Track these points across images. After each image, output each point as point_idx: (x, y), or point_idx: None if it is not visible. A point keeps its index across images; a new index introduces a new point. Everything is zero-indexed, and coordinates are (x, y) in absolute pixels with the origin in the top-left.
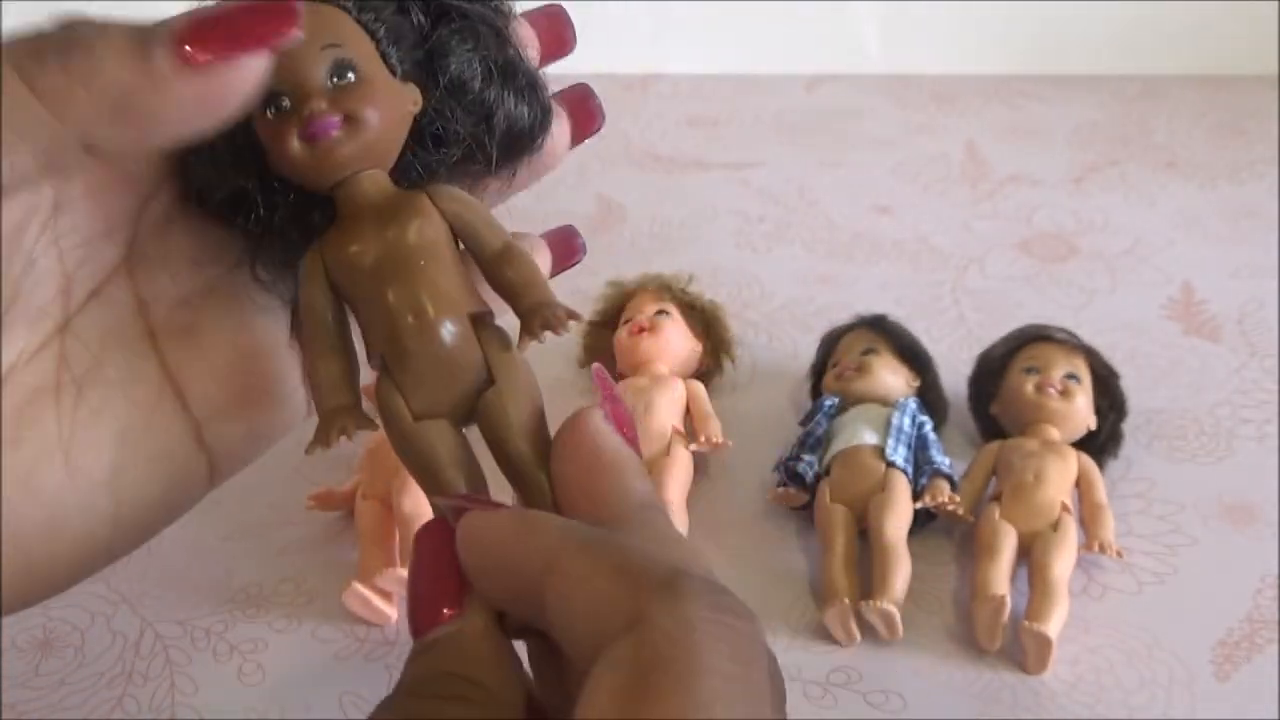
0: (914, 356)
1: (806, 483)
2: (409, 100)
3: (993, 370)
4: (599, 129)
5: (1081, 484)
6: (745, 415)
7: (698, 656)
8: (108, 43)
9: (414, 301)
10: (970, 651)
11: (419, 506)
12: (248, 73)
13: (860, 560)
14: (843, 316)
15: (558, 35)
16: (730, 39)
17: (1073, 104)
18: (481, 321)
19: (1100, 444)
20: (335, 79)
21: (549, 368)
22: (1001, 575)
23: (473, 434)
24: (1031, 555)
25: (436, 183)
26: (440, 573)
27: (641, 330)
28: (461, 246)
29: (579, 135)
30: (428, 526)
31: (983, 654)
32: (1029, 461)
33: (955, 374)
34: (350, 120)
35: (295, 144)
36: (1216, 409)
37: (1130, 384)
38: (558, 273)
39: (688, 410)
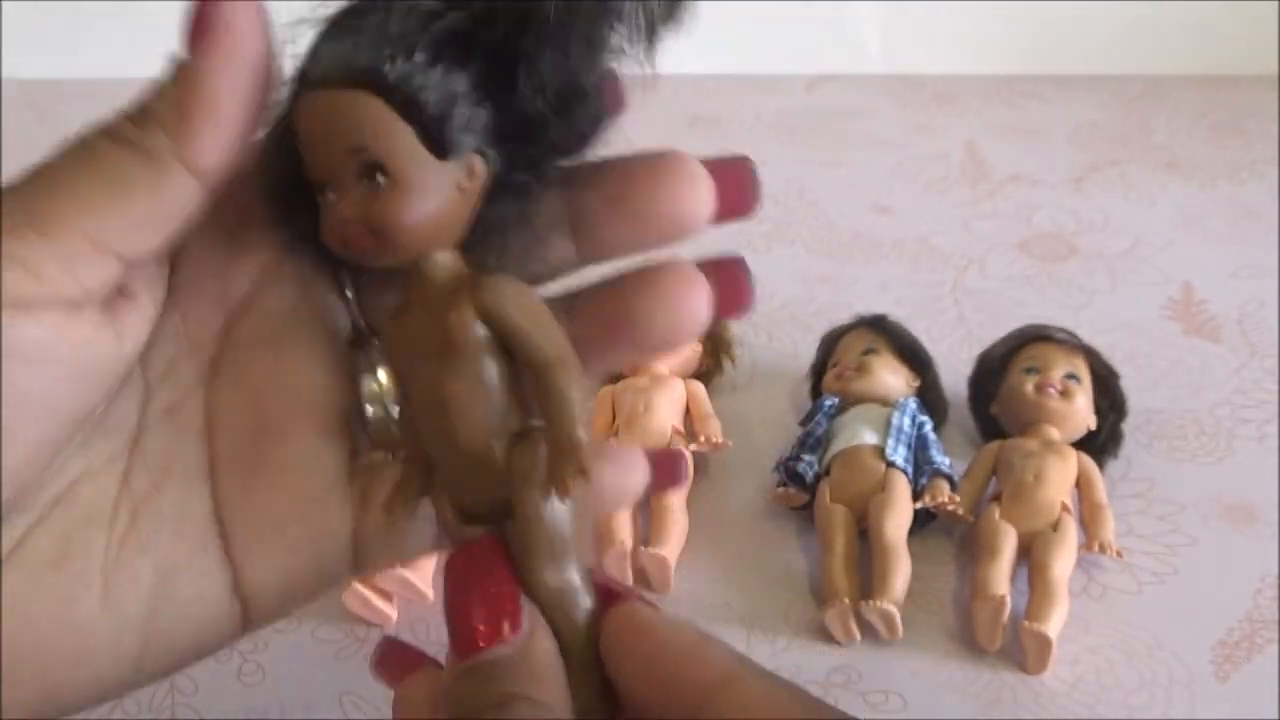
0: (914, 356)
1: (806, 483)
2: (461, 179)
3: (993, 370)
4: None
5: (1081, 484)
6: (745, 415)
7: None
8: (156, 86)
9: (439, 406)
10: (970, 651)
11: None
12: (246, 32)
13: (860, 560)
14: (843, 316)
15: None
16: (730, 39)
17: (1073, 104)
18: (520, 441)
19: (1100, 444)
20: (365, 181)
21: None
22: (1001, 575)
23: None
24: (1031, 555)
25: (497, 272)
26: (499, 590)
27: None
28: None
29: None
30: (476, 545)
31: (983, 654)
32: (1029, 461)
33: (955, 374)
34: (378, 233)
35: (335, 240)
36: (1216, 409)
37: (1130, 384)
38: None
39: (687, 410)
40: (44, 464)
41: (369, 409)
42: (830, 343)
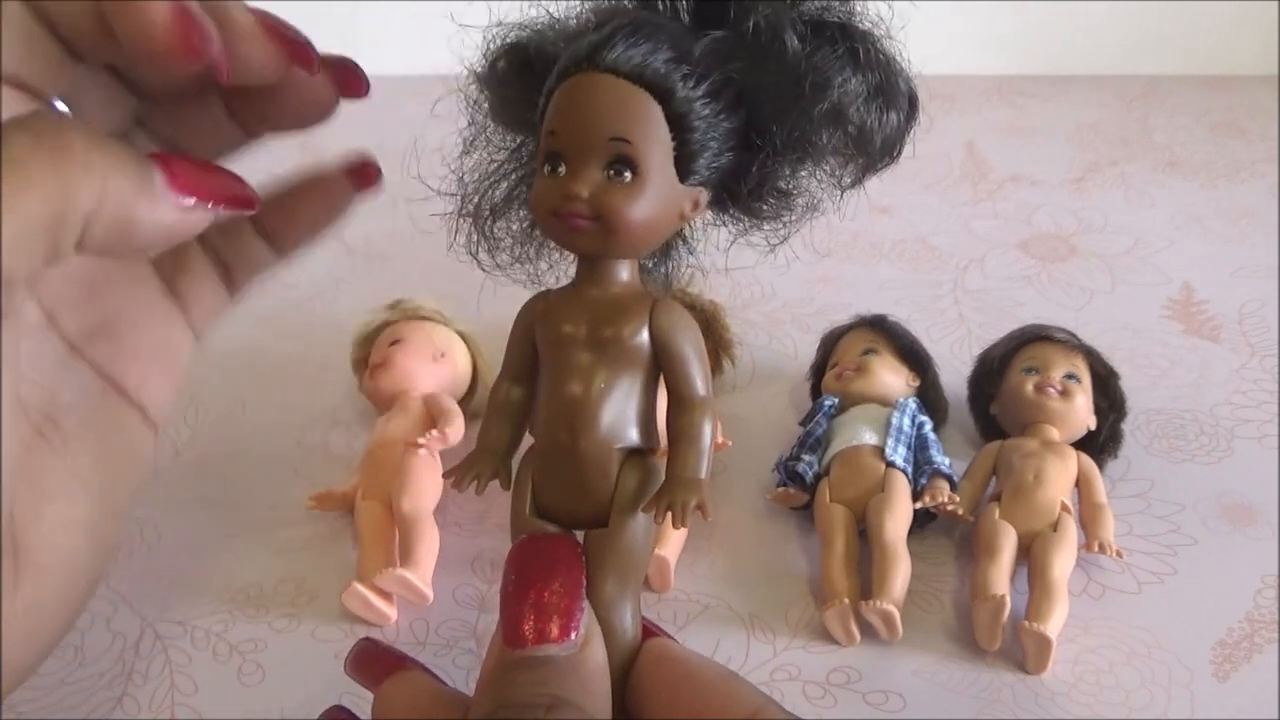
0: (914, 356)
1: (806, 483)
2: (686, 204)
3: (993, 370)
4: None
5: (1081, 484)
6: (745, 415)
7: None
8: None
9: (576, 402)
10: (970, 651)
11: (419, 506)
12: (208, 216)
13: (860, 560)
14: (843, 316)
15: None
16: None
17: (1073, 104)
18: (631, 459)
19: (1100, 444)
20: (611, 173)
21: None
22: (1001, 575)
23: None
24: (1031, 555)
25: (668, 295)
26: (563, 591)
27: None
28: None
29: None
30: (541, 541)
31: (983, 654)
32: (1029, 461)
33: (955, 374)
34: (602, 220)
35: (546, 211)
36: (1216, 409)
37: (1130, 384)
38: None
39: None
40: None
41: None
42: (830, 343)
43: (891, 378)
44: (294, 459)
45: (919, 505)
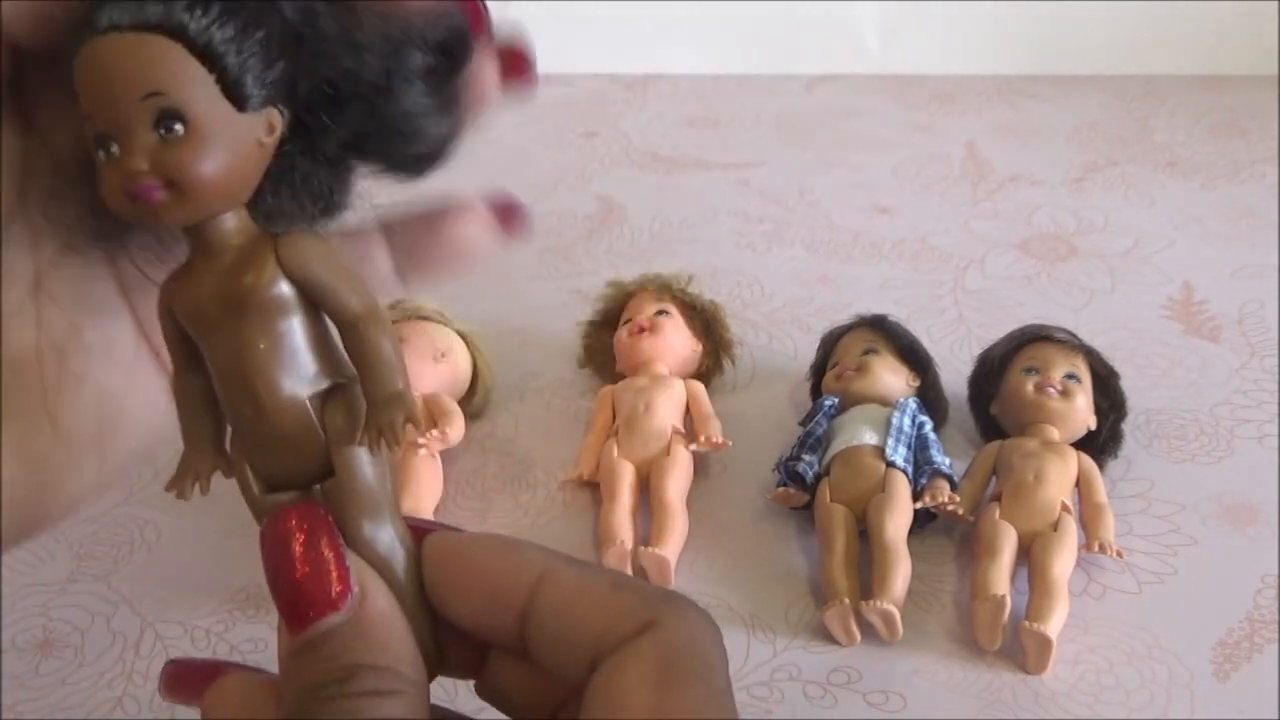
0: (914, 356)
1: (806, 483)
2: (259, 131)
3: (993, 370)
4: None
5: (1081, 484)
6: (745, 415)
7: (708, 653)
8: None
9: (243, 371)
10: (970, 651)
11: (419, 506)
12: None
13: (860, 560)
14: (843, 316)
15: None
16: (730, 39)
17: (1073, 104)
18: (330, 399)
19: (1100, 444)
20: (162, 131)
21: (550, 367)
22: (1001, 575)
23: None
24: (1031, 555)
25: (293, 226)
26: (320, 554)
27: (642, 330)
28: None
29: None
30: (284, 513)
31: (983, 654)
32: (1029, 461)
33: (955, 374)
34: (174, 185)
35: (121, 198)
36: (1216, 409)
37: (1130, 384)
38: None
39: (688, 410)
40: None
41: None
42: (830, 343)
43: (891, 378)
44: None
45: (919, 505)
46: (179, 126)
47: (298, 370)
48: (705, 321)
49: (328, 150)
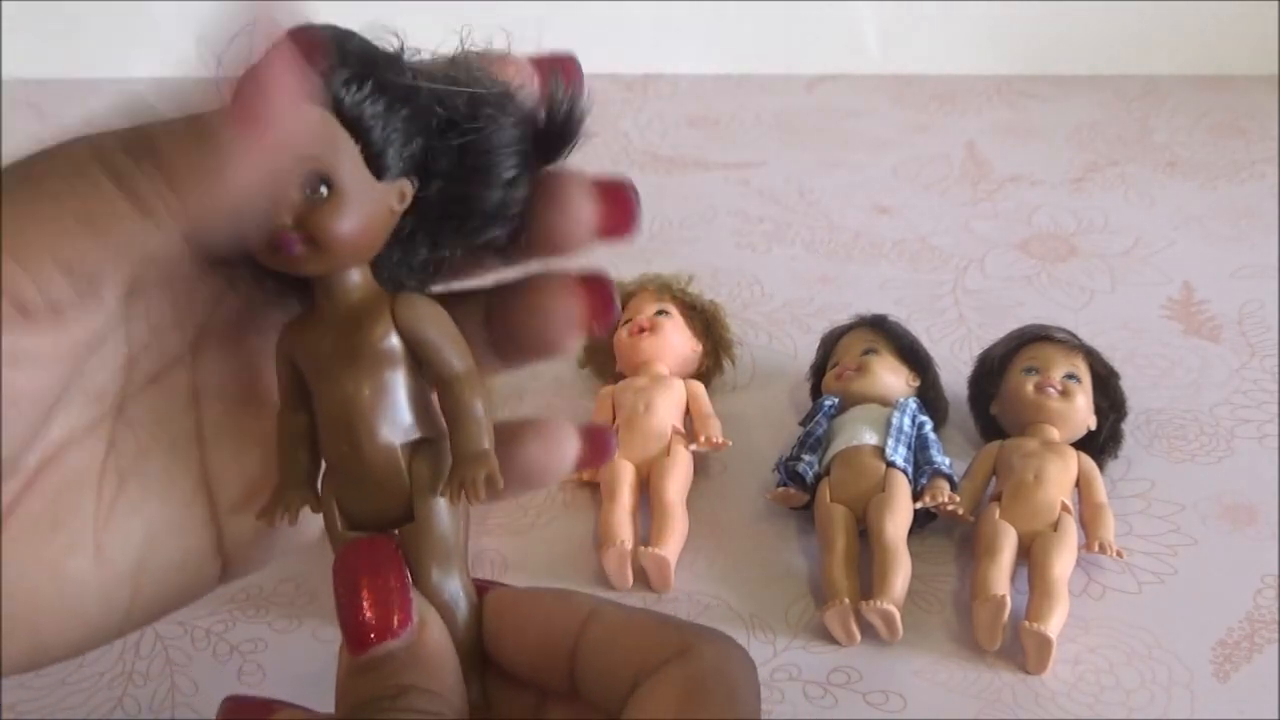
0: (914, 356)
1: (806, 483)
2: (393, 199)
3: (993, 370)
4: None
5: (1082, 484)
6: (745, 415)
7: (736, 679)
8: (174, 140)
9: (347, 414)
10: (970, 651)
11: None
12: (292, 125)
13: (860, 560)
14: (843, 316)
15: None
16: (730, 39)
17: (1073, 104)
18: (419, 450)
19: (1100, 444)
20: (309, 192)
21: (550, 367)
22: (1001, 575)
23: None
24: (1031, 555)
25: (409, 289)
26: (388, 584)
27: (642, 330)
28: None
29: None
30: (358, 546)
31: (983, 654)
32: (1029, 461)
33: (955, 374)
34: (313, 241)
35: (266, 248)
36: (1216, 409)
37: (1130, 384)
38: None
39: (688, 410)
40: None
41: None
42: (830, 343)
43: (891, 378)
44: None
45: (919, 505)
46: (324, 189)
47: (395, 418)
48: (705, 321)
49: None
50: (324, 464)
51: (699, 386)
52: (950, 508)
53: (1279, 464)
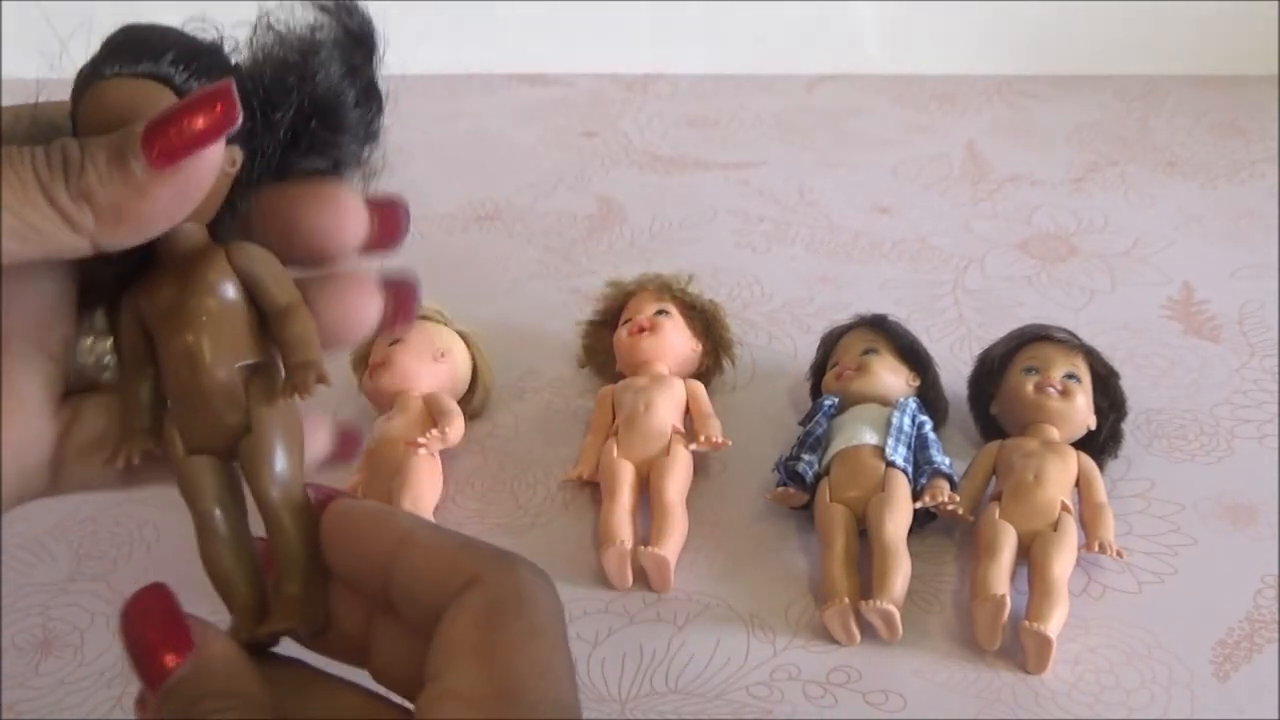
0: (914, 356)
1: (806, 482)
2: (225, 163)
3: (993, 370)
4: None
5: (1082, 484)
6: (745, 415)
7: (532, 599)
8: (95, 163)
9: (191, 348)
10: (970, 651)
11: (419, 506)
12: (207, 160)
13: (860, 560)
14: (843, 316)
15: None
16: (730, 39)
17: (1073, 104)
18: (255, 373)
19: (1100, 444)
20: None
21: (550, 367)
22: (1001, 575)
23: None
24: (1031, 555)
25: (241, 239)
26: (166, 623)
27: (641, 330)
28: None
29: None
30: (138, 595)
31: (983, 654)
32: (1029, 461)
33: (955, 374)
34: None
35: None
36: (1216, 409)
37: (1130, 384)
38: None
39: (688, 410)
40: None
41: (87, 340)
42: (830, 342)
43: (891, 377)
44: None
45: (919, 505)
46: None
47: (236, 348)
48: (705, 321)
49: (270, 163)
50: (169, 400)
51: (699, 386)
52: (950, 507)
53: (1279, 464)
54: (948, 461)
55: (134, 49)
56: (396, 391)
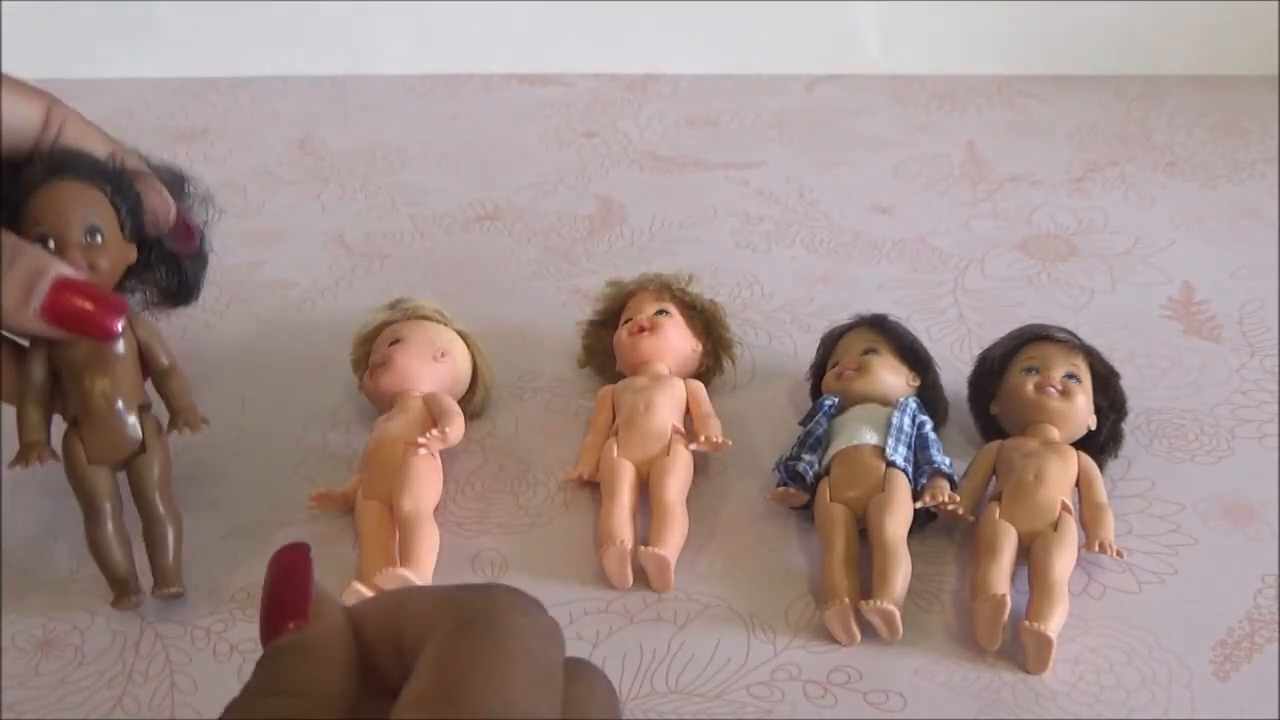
0: (914, 356)
1: (806, 482)
2: (129, 256)
3: (993, 370)
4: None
5: (1082, 484)
6: (745, 415)
7: (500, 617)
8: (10, 280)
9: (107, 390)
10: (970, 651)
11: (419, 506)
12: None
13: (860, 560)
14: (843, 316)
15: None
16: (730, 39)
17: (1073, 104)
18: (145, 410)
19: (1100, 444)
20: (88, 238)
21: (550, 367)
22: (1002, 575)
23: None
24: (1032, 555)
25: (136, 309)
26: (296, 585)
27: (641, 330)
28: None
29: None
30: (284, 551)
31: (983, 654)
32: (1029, 461)
33: (955, 374)
34: (92, 268)
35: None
36: (1216, 409)
37: (1130, 384)
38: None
39: (688, 410)
40: None
41: None
42: (830, 342)
43: (892, 377)
44: (294, 459)
45: (919, 505)
46: (99, 237)
47: (134, 390)
48: (705, 321)
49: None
50: (74, 422)
51: (699, 386)
52: (950, 507)
53: (1279, 464)
54: (948, 461)
55: (78, 163)
56: (396, 392)
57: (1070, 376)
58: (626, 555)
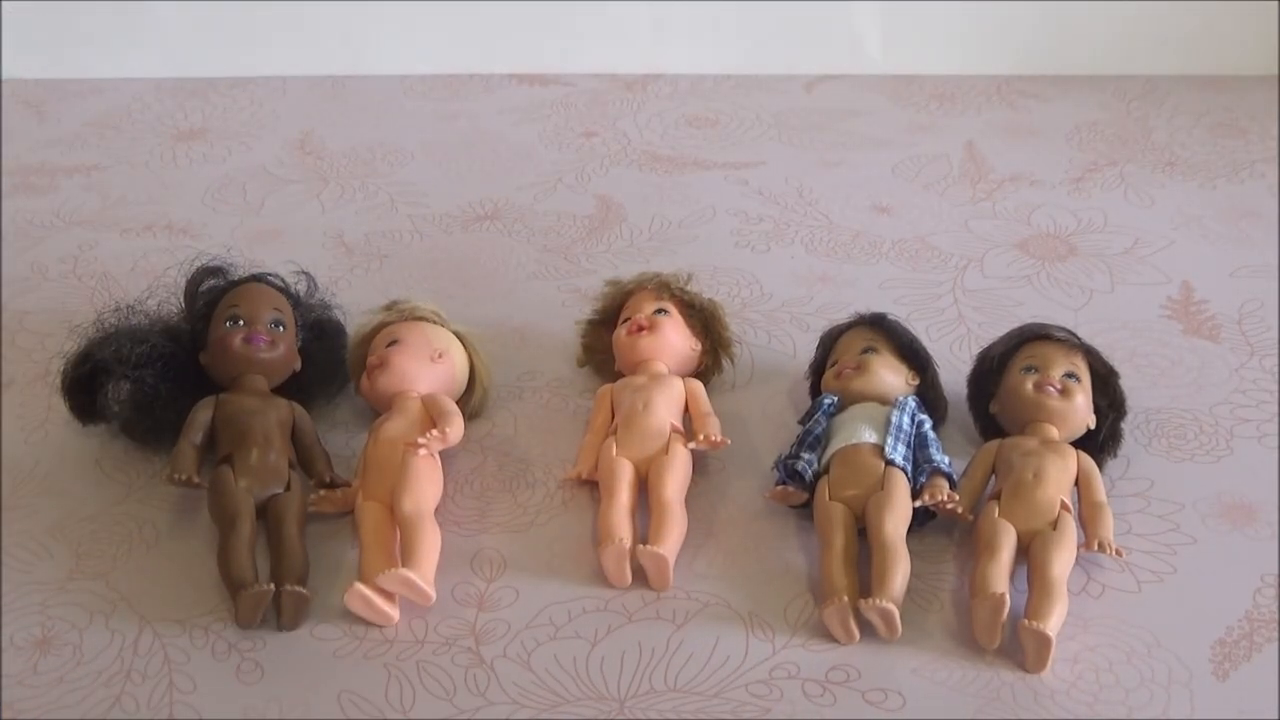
0: (913, 355)
1: (805, 481)
2: (295, 361)
3: (992, 369)
4: None
5: (1081, 483)
6: (744, 414)
7: None
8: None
9: (265, 441)
10: (970, 650)
11: (420, 506)
12: None
13: (859, 558)
14: (842, 315)
15: None
16: (730, 39)
17: (1073, 104)
18: (293, 463)
19: (1100, 443)
20: (273, 325)
21: (550, 367)
22: (1001, 574)
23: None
24: (1031, 554)
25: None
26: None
27: (640, 329)
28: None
29: None
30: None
31: (982, 652)
32: (1028, 460)
33: (955, 373)
34: (273, 344)
35: (238, 342)
36: (1216, 409)
37: (1130, 384)
38: None
39: (687, 409)
40: None
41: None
42: (830, 341)
43: (891, 376)
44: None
45: (918, 504)
46: (281, 328)
47: (286, 453)
48: (704, 320)
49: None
50: (230, 459)
51: (698, 385)
52: (949, 506)
53: (1279, 464)
54: (947, 460)
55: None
56: (394, 393)
57: (1069, 376)
58: (625, 554)
